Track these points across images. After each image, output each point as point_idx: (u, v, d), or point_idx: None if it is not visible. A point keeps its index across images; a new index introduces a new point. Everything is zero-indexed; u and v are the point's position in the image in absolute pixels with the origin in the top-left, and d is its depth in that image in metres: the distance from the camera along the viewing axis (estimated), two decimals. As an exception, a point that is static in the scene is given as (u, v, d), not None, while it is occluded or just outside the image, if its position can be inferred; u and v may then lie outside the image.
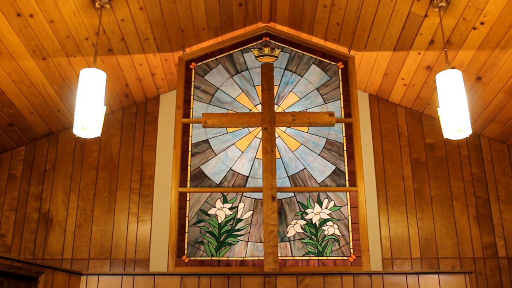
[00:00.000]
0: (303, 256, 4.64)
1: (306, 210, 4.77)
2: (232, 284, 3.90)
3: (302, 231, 4.72)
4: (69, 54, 4.29)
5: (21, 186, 4.91)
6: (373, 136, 5.07)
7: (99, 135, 3.74)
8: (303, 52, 5.21)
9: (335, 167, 4.89)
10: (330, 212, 4.77)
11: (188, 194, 4.83)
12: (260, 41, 5.27)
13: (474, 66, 4.36)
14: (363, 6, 4.38)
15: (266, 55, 5.22)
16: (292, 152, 4.95)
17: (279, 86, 5.11)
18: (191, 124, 5.03)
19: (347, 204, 4.79)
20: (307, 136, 5.00)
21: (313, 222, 4.74)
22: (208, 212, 4.77)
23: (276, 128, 4.97)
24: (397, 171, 4.96)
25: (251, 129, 5.02)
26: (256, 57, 5.22)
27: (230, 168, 4.90)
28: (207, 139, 4.99)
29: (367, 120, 5.12)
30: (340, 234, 4.70)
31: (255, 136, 5.00)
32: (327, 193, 4.82)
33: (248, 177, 4.87)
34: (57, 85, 4.54)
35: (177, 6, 4.41)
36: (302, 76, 5.15)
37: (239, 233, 4.71)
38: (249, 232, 4.71)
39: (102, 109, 3.72)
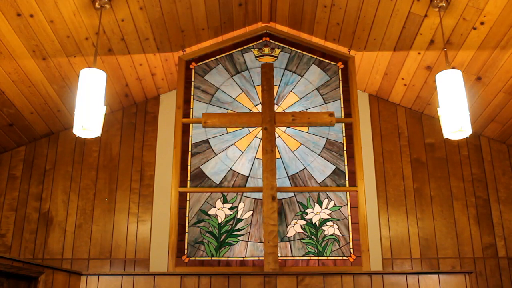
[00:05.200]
0: (303, 256, 4.64)
1: (306, 210, 4.77)
2: (232, 284, 3.90)
3: (302, 231, 4.72)
4: (69, 54, 4.29)
5: (21, 186, 4.91)
6: (373, 136, 5.07)
7: (99, 135, 3.74)
8: (303, 52, 5.21)
9: (335, 167, 4.89)
10: (330, 212, 4.77)
11: (188, 194, 4.83)
12: (260, 41, 5.27)
13: (474, 66, 4.36)
14: (363, 6, 4.38)
15: (266, 55, 5.22)
16: (292, 152, 4.95)
17: (279, 86, 5.12)
18: (191, 124, 5.03)
19: (347, 204, 4.79)
20: (307, 136, 5.01)
21: (313, 222, 4.74)
22: (208, 212, 4.77)
23: (276, 128, 4.97)
24: (397, 171, 4.96)
25: (251, 129, 5.02)
26: (256, 57, 5.22)
27: (230, 168, 4.90)
28: (207, 139, 4.99)
29: (367, 120, 5.12)
30: (340, 234, 4.70)
31: (255, 136, 5.00)
32: (327, 193, 4.82)
33: (248, 177, 4.87)
34: (57, 85, 4.54)
35: (177, 6, 4.41)
36: (302, 76, 5.15)
37: (239, 233, 4.71)
38: (249, 232, 4.71)
39: (102, 109, 3.72)
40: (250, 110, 5.05)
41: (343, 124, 5.02)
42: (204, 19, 4.76)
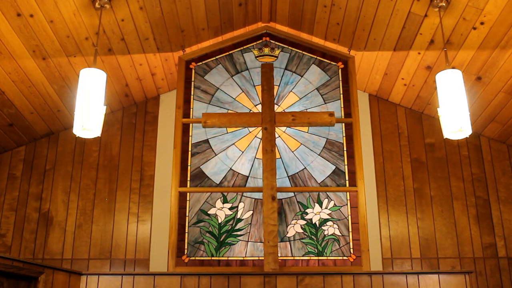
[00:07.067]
0: (303, 256, 4.64)
1: (306, 210, 4.77)
2: (232, 284, 3.90)
3: (302, 231, 4.72)
4: (69, 54, 4.30)
5: (21, 186, 4.91)
6: (373, 136, 5.07)
7: (99, 135, 3.74)
8: (303, 52, 5.21)
9: (335, 167, 4.89)
10: (330, 212, 4.77)
11: (188, 194, 4.83)
12: (260, 41, 5.27)
13: (474, 66, 4.36)
14: (363, 6, 4.38)
15: (266, 55, 5.22)
16: (292, 152, 4.95)
17: (279, 86, 5.12)
18: (191, 124, 5.03)
19: (347, 204, 4.79)
20: (307, 136, 5.00)
21: (313, 222, 4.74)
22: (208, 212, 4.77)
23: (276, 128, 4.97)
24: (397, 171, 4.96)
25: (251, 129, 5.02)
26: (256, 57, 5.22)
27: (230, 168, 4.90)
28: (207, 139, 4.99)
29: (367, 120, 5.12)
30: (340, 234, 4.70)
31: (255, 136, 5.00)
32: (327, 193, 4.82)
33: (248, 177, 4.87)
34: (57, 85, 4.54)
35: (177, 6, 4.41)
36: (302, 76, 5.15)
37: (239, 233, 4.71)
38: (249, 232, 4.71)
39: (102, 109, 3.72)
40: (250, 110, 5.04)
41: (343, 124, 5.02)
42: (204, 19, 4.76)
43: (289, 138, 4.99)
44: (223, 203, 4.80)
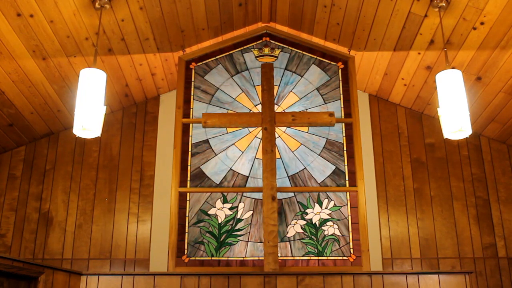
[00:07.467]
0: (303, 256, 4.64)
1: (306, 210, 4.77)
2: (232, 284, 3.90)
3: (302, 231, 4.72)
4: (69, 54, 4.30)
5: (21, 186, 4.91)
6: (373, 136, 5.07)
7: (99, 135, 3.74)
8: (303, 52, 5.21)
9: (335, 167, 4.89)
10: (330, 212, 4.77)
11: (188, 194, 4.83)
12: (260, 41, 5.27)
13: (474, 66, 4.36)
14: (363, 6, 4.38)
15: (266, 55, 5.22)
16: (292, 152, 4.95)
17: (279, 86, 5.12)
18: (191, 124, 5.03)
19: (347, 204, 4.79)
20: (307, 136, 5.00)
21: (313, 222, 4.74)
22: (208, 212, 4.77)
23: (276, 128, 4.97)
24: (397, 171, 4.96)
25: (251, 129, 5.02)
26: (256, 57, 5.22)
27: (230, 168, 4.90)
28: (207, 139, 4.99)
29: (367, 120, 5.12)
30: (340, 234, 4.70)
31: (255, 136, 5.00)
32: (327, 193, 4.82)
33: (248, 177, 4.87)
34: (57, 85, 4.54)
35: (177, 6, 4.41)
36: (302, 76, 5.15)
37: (239, 233, 4.71)
38: (249, 232, 4.71)
39: (102, 109, 3.72)
40: (250, 110, 5.04)
41: (343, 124, 5.02)
42: (204, 19, 4.76)
43: (289, 138, 4.99)
44: (223, 203, 4.80)
